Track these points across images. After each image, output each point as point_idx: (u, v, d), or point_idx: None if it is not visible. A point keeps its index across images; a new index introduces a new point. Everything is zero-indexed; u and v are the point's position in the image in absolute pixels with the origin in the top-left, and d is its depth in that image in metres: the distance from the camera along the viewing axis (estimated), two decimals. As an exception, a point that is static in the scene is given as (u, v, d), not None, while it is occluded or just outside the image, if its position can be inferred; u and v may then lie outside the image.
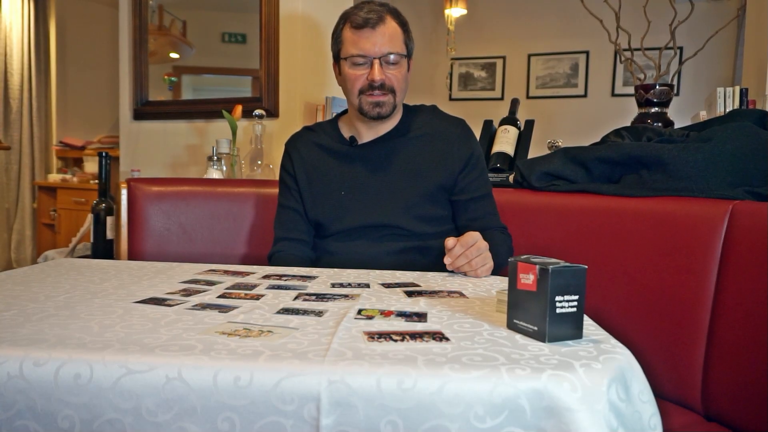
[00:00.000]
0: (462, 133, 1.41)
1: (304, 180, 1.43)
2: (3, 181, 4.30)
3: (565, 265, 0.69)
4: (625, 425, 0.61)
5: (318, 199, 1.41)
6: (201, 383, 0.60)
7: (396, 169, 1.37)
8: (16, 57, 4.28)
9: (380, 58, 1.30)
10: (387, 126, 1.40)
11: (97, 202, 1.88)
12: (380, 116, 1.34)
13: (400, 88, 1.34)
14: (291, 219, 1.44)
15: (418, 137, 1.39)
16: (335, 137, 1.44)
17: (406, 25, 1.35)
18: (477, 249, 1.12)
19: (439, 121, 1.42)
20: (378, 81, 1.30)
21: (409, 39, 1.36)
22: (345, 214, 1.37)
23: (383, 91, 1.32)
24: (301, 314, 0.82)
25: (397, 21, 1.33)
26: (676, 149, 1.25)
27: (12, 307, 0.83)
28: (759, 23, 2.86)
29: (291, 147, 1.48)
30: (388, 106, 1.33)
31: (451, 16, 4.65)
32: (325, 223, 1.40)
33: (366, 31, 1.30)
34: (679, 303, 1.14)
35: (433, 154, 1.38)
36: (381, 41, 1.29)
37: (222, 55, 2.83)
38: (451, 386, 0.58)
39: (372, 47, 1.29)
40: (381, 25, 1.30)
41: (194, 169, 2.69)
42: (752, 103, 2.36)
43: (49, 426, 0.61)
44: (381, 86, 1.31)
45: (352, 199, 1.37)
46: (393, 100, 1.33)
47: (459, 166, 1.37)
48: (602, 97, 5.19)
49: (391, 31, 1.31)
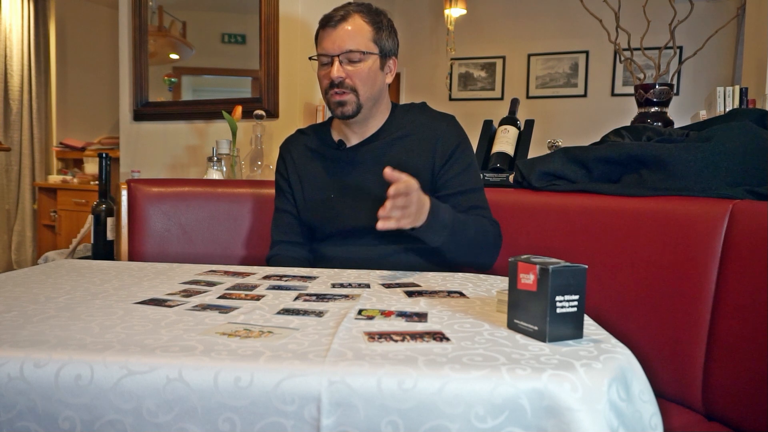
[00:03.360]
0: (448, 128, 1.37)
1: (296, 183, 1.43)
2: (3, 183, 4.30)
3: (565, 264, 0.69)
4: (625, 425, 0.61)
5: (309, 203, 1.41)
6: (201, 384, 0.60)
7: (382, 169, 1.33)
8: (16, 58, 4.28)
9: (339, 55, 1.28)
10: (372, 127, 1.39)
11: (98, 203, 1.88)
12: (344, 116, 1.32)
13: (363, 85, 1.30)
14: (287, 222, 1.44)
15: (405, 136, 1.37)
16: (325, 140, 1.43)
17: (379, 23, 1.32)
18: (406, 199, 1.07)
19: (426, 119, 1.39)
20: (336, 78, 1.28)
21: (383, 37, 1.33)
22: (335, 218, 1.37)
23: (343, 89, 1.29)
24: (301, 315, 0.82)
25: (367, 19, 1.31)
26: (676, 149, 1.25)
27: (12, 308, 0.83)
28: (759, 23, 2.86)
29: (284, 150, 1.49)
30: (351, 105, 1.30)
31: (450, 16, 4.65)
32: (316, 227, 1.41)
33: (328, 30, 1.30)
34: (680, 302, 1.14)
35: (418, 152, 1.35)
36: (341, 39, 1.28)
37: (222, 55, 2.83)
38: (451, 386, 0.58)
39: (331, 45, 1.29)
40: (342, 23, 1.28)
41: (194, 170, 2.70)
42: (752, 102, 2.36)
43: (50, 427, 0.61)
44: (340, 84, 1.29)
45: (341, 203, 1.37)
46: (356, 99, 1.30)
47: (441, 161, 1.34)
48: (602, 96, 5.19)
49: (355, 28, 1.29)
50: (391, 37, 1.35)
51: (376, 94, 1.35)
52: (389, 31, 1.35)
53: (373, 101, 1.35)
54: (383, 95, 1.39)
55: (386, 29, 1.34)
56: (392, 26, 1.37)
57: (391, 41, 1.36)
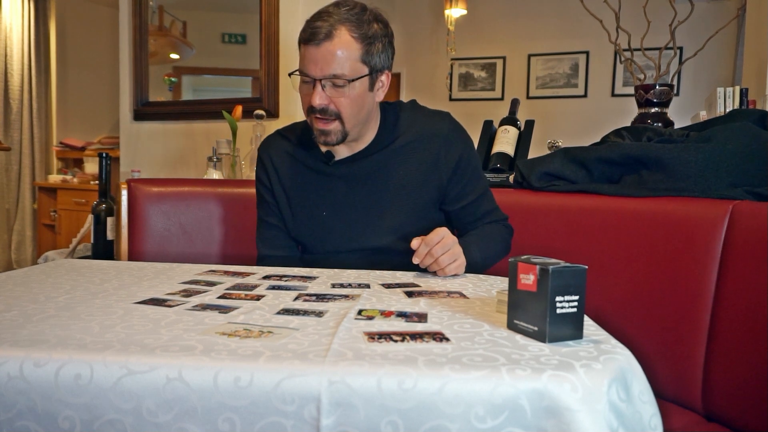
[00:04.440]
0: (448, 132, 1.27)
1: (281, 194, 1.32)
2: (3, 182, 4.31)
3: (565, 265, 0.69)
4: (625, 425, 0.61)
5: (299, 218, 1.31)
6: (201, 384, 0.60)
7: (379, 186, 1.26)
8: (16, 58, 4.28)
9: (321, 80, 1.13)
10: (363, 142, 1.27)
11: (98, 203, 1.88)
12: (327, 144, 1.21)
13: (348, 114, 1.17)
14: (273, 235, 1.35)
15: (401, 148, 1.26)
16: (311, 151, 1.30)
17: (370, 37, 1.15)
18: (443, 246, 1.08)
19: (421, 123, 1.28)
20: (318, 106, 1.15)
21: (374, 53, 1.16)
22: (328, 237, 1.29)
23: (326, 117, 1.16)
24: (301, 315, 0.82)
25: (356, 33, 1.13)
26: (676, 149, 1.25)
27: (12, 308, 0.83)
28: (759, 23, 2.86)
29: (264, 155, 1.35)
30: (335, 134, 1.18)
31: (451, 17, 4.65)
32: (308, 244, 1.32)
33: (310, 48, 1.13)
34: (680, 303, 1.14)
35: (419, 164, 1.26)
36: (324, 61, 1.12)
37: (222, 55, 2.84)
38: (451, 386, 0.58)
39: (314, 67, 1.13)
40: (326, 42, 1.12)
41: (194, 169, 2.70)
42: (752, 103, 2.36)
43: (50, 427, 0.61)
44: (323, 111, 1.16)
45: (335, 221, 1.28)
46: (341, 127, 1.18)
47: (447, 174, 1.26)
48: (602, 97, 5.19)
49: (342, 48, 1.12)
50: (385, 49, 1.19)
51: (364, 117, 1.22)
52: (383, 42, 1.18)
53: (361, 125, 1.23)
54: (373, 113, 1.26)
55: (379, 41, 1.17)
56: (387, 34, 1.20)
57: (384, 54, 1.19)
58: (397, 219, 1.26)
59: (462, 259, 1.13)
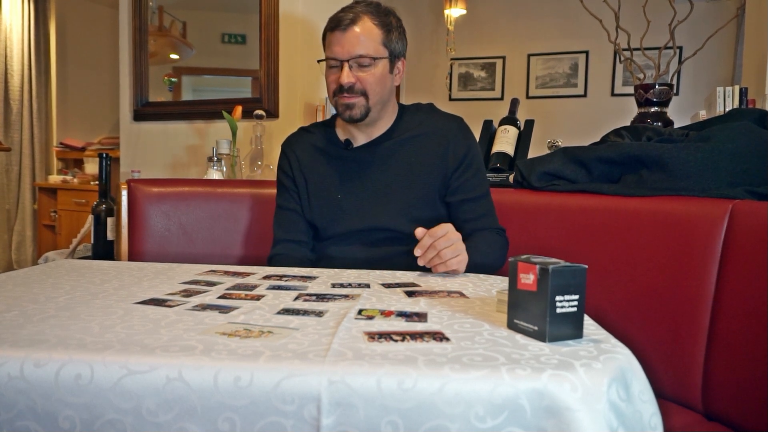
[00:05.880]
0: (458, 131, 1.38)
1: (302, 182, 1.42)
2: (3, 183, 4.30)
3: (565, 264, 0.69)
4: (625, 425, 0.61)
5: (315, 202, 1.40)
6: (201, 384, 0.60)
7: (392, 171, 1.36)
8: (16, 58, 4.28)
9: (349, 60, 1.27)
10: (380, 128, 1.39)
11: (98, 203, 1.88)
12: (352, 119, 1.32)
13: (373, 90, 1.30)
14: (290, 220, 1.42)
15: (414, 138, 1.37)
16: (331, 139, 1.43)
17: (389, 25, 1.31)
18: (447, 240, 1.11)
19: (435, 120, 1.40)
20: (346, 84, 1.28)
21: (393, 39, 1.32)
22: (342, 218, 1.36)
23: (352, 94, 1.29)
24: (301, 314, 0.82)
25: (376, 21, 1.29)
26: (676, 149, 1.25)
27: (13, 308, 0.83)
28: (758, 23, 2.86)
29: (287, 148, 1.47)
30: (360, 108, 1.30)
31: (450, 16, 4.65)
32: (322, 227, 1.39)
33: (337, 34, 1.28)
34: (680, 302, 1.14)
35: (428, 154, 1.35)
36: (350, 43, 1.27)
37: (222, 55, 2.83)
38: (451, 386, 0.58)
39: (341, 50, 1.27)
40: (352, 27, 1.27)
41: (194, 169, 2.70)
42: (752, 102, 2.36)
43: (50, 426, 0.61)
44: (350, 89, 1.28)
45: (348, 203, 1.36)
46: (365, 102, 1.30)
47: (453, 165, 1.35)
48: (602, 96, 5.19)
49: (365, 32, 1.27)
50: (400, 38, 1.34)
51: (386, 97, 1.35)
52: (399, 32, 1.34)
53: (382, 104, 1.35)
54: (392, 97, 1.39)
55: (396, 30, 1.33)
56: (401, 26, 1.36)
57: (401, 43, 1.34)
58: (405, 203, 1.34)
59: (464, 256, 1.15)
